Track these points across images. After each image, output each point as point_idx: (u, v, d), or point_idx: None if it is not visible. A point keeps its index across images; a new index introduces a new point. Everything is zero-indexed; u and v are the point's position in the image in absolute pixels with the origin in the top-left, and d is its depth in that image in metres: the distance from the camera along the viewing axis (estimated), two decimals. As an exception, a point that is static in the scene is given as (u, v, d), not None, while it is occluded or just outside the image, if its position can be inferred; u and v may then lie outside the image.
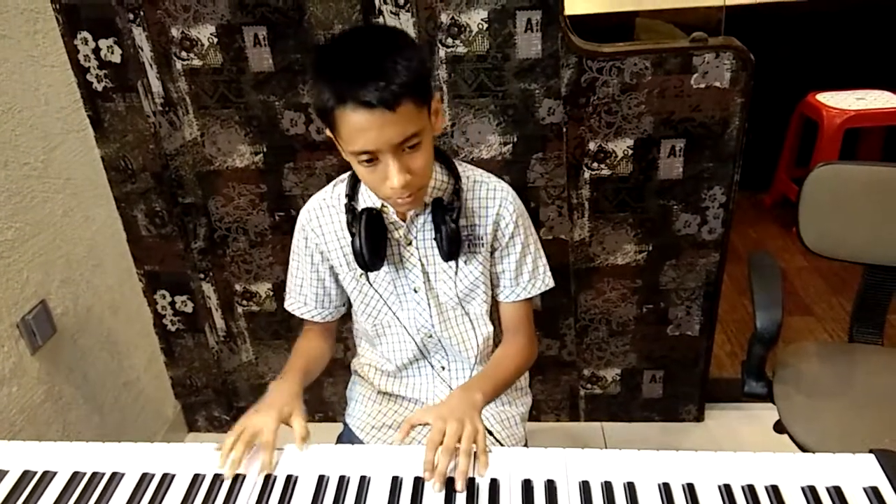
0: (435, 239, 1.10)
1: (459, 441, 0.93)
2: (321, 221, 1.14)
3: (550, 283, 1.21)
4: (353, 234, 1.07)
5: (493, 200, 1.12)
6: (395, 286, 1.16)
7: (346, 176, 1.14)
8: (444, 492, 0.90)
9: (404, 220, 1.10)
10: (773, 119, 3.06)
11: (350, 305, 1.25)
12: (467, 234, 1.11)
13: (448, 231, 1.06)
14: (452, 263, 1.13)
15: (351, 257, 1.13)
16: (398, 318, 1.18)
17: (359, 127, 0.91)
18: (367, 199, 1.10)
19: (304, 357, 1.19)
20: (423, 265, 1.14)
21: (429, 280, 1.15)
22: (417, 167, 0.97)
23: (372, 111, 0.89)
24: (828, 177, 1.50)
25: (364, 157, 0.94)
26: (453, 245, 1.07)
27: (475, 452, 0.94)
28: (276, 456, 0.97)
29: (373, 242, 1.07)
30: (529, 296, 1.19)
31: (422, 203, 1.07)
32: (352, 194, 1.11)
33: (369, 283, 1.15)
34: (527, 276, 1.17)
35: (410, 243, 1.12)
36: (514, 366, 1.18)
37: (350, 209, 1.09)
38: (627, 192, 1.73)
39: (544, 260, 1.20)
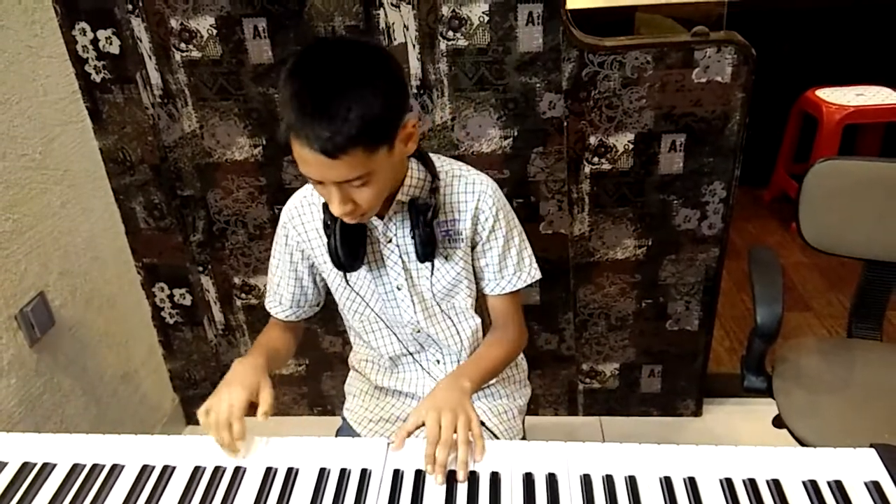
0: (413, 238, 1.09)
1: (456, 431, 0.93)
2: (303, 220, 1.13)
3: (537, 274, 1.18)
4: (328, 235, 1.05)
5: (472, 195, 1.10)
6: (377, 285, 1.14)
7: None
8: (445, 484, 0.90)
9: (382, 218, 1.08)
10: (773, 115, 3.06)
11: (327, 302, 1.24)
12: (447, 230, 1.09)
13: (421, 233, 1.04)
14: (428, 264, 1.11)
15: None
16: (381, 318, 1.18)
17: (304, 160, 0.91)
18: None
19: (270, 343, 1.18)
20: (404, 262, 1.12)
21: (411, 277, 1.13)
22: (362, 199, 0.96)
23: (314, 153, 0.89)
24: (827, 172, 1.50)
25: (311, 178, 0.95)
26: (427, 247, 1.06)
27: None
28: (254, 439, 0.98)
29: (350, 242, 1.05)
30: (515, 288, 1.16)
31: (371, 218, 1.06)
32: None
33: (348, 284, 1.14)
34: (511, 268, 1.15)
35: (391, 241, 1.10)
36: (502, 354, 1.17)
37: (327, 208, 1.06)
38: (628, 186, 1.72)
39: (530, 251, 1.18)
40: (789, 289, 2.64)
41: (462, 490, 0.89)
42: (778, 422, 1.40)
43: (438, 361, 1.23)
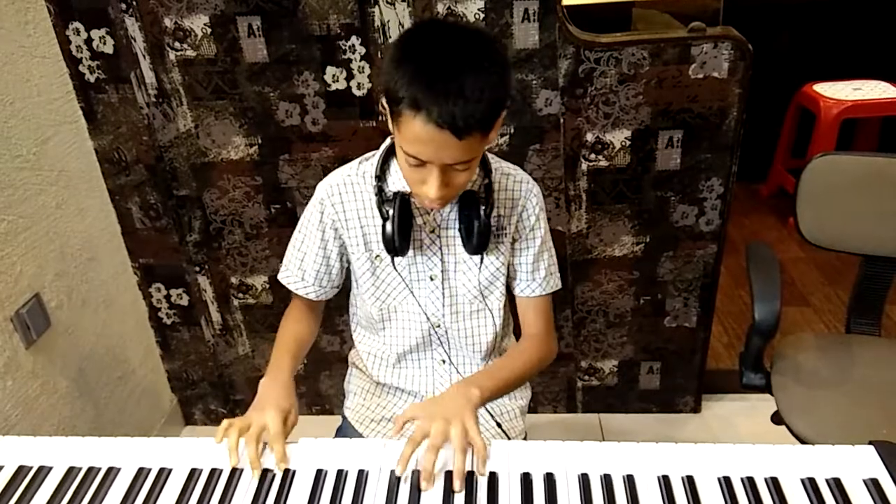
0: (459, 230, 1.09)
1: (448, 439, 0.91)
2: (343, 198, 1.12)
3: (559, 283, 1.21)
4: (384, 218, 1.05)
5: (520, 192, 1.12)
6: (411, 272, 1.14)
7: (372, 155, 1.12)
8: (442, 488, 0.89)
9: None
10: (770, 110, 3.06)
11: (342, 289, 1.23)
12: (494, 226, 1.10)
13: (480, 226, 1.05)
14: (476, 258, 1.12)
15: (370, 237, 1.12)
16: (405, 307, 1.17)
17: (421, 138, 0.89)
18: (396, 181, 1.08)
19: (292, 343, 1.16)
20: (443, 254, 1.13)
21: (447, 269, 1.14)
22: (459, 183, 0.98)
23: (440, 131, 0.87)
24: (825, 167, 1.49)
25: (413, 159, 0.93)
26: (483, 239, 1.06)
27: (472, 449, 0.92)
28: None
29: (404, 227, 1.05)
30: (544, 292, 1.18)
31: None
32: (381, 175, 1.09)
33: (394, 266, 1.13)
34: (543, 271, 1.17)
35: (433, 230, 1.11)
36: (525, 363, 1.15)
37: (380, 191, 1.07)
38: (625, 183, 1.72)
39: (555, 260, 1.20)
40: (787, 284, 2.64)
41: (459, 493, 0.88)
42: (777, 418, 1.40)
43: (444, 361, 1.22)
